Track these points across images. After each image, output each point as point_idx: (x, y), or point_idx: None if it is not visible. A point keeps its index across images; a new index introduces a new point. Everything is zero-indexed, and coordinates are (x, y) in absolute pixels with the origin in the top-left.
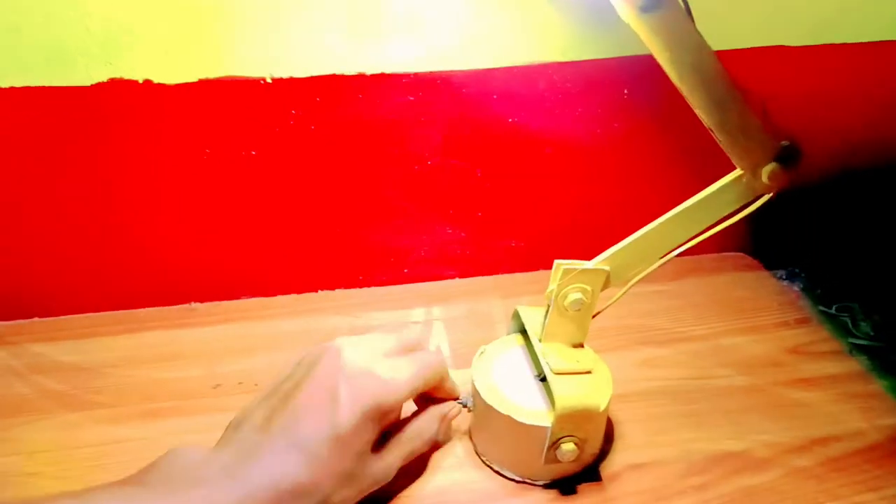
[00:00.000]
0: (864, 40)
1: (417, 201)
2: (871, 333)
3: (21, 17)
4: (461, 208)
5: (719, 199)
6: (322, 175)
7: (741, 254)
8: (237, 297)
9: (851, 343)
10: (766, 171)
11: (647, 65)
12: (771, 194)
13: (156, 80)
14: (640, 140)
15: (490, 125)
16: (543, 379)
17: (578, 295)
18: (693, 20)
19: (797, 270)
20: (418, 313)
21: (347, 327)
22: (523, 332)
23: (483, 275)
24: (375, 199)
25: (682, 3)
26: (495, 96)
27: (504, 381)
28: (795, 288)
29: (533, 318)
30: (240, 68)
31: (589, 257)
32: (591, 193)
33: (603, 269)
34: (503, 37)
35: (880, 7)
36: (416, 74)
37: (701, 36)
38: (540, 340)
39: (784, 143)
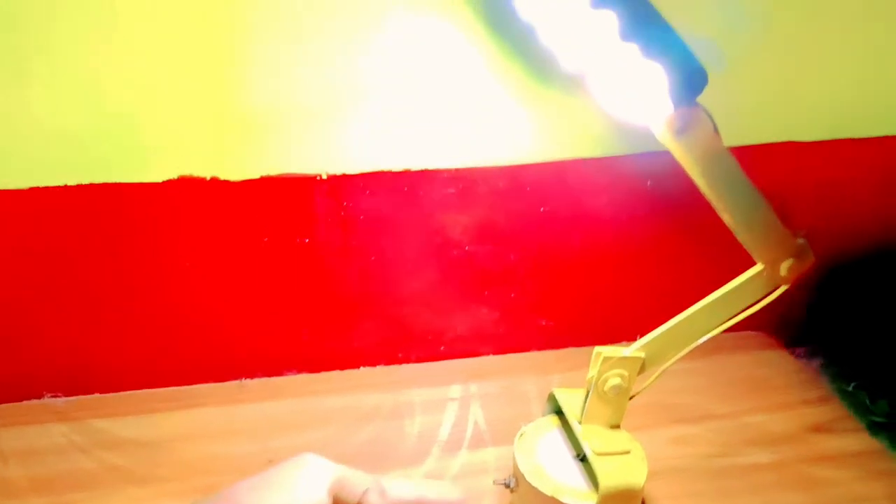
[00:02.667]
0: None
1: (455, 283)
2: (889, 411)
3: (105, 120)
4: (496, 289)
5: (742, 292)
6: (367, 260)
7: (762, 333)
8: (284, 374)
9: (871, 420)
10: (785, 266)
11: (668, 160)
12: (788, 286)
13: (222, 178)
14: (662, 229)
15: (523, 214)
16: (583, 459)
17: (617, 380)
18: (720, 136)
19: (816, 348)
20: (455, 390)
21: (390, 404)
22: (558, 412)
23: (516, 352)
24: (416, 281)
25: (711, 122)
26: (528, 188)
27: (546, 463)
28: (814, 366)
29: (570, 401)
30: (297, 166)
31: (616, 337)
32: (616, 277)
33: (639, 357)
34: (537, 134)
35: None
36: (456, 170)
37: (727, 150)
38: (579, 422)
39: (800, 240)
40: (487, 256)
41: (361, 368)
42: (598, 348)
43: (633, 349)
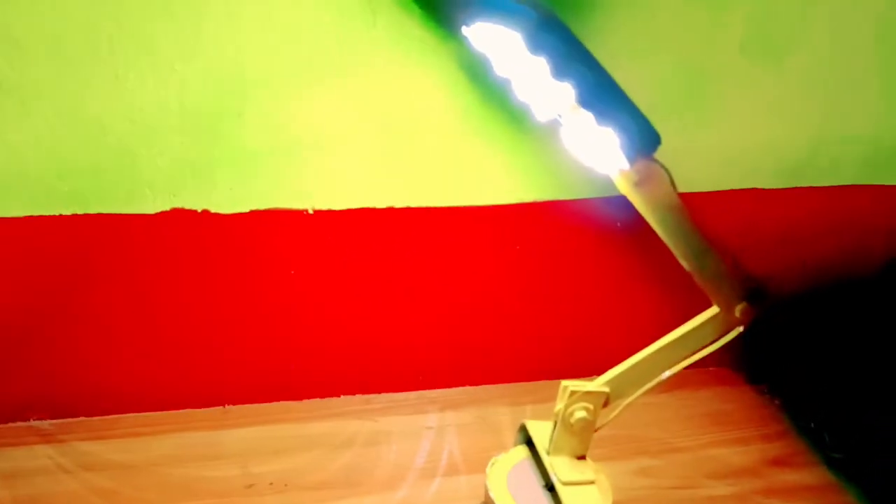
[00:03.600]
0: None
1: (432, 317)
2: (847, 448)
3: (103, 154)
4: (472, 324)
5: (700, 332)
6: (348, 293)
7: (725, 369)
8: (266, 401)
9: (829, 456)
10: (739, 308)
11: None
12: (742, 328)
13: (213, 210)
14: (632, 267)
15: (498, 252)
16: (551, 488)
17: (583, 413)
18: (676, 187)
19: (777, 386)
20: (432, 419)
21: (367, 431)
22: (528, 442)
23: (490, 383)
24: (394, 314)
25: (667, 176)
26: (505, 228)
27: (516, 491)
28: (775, 402)
29: (540, 432)
30: (286, 201)
31: (587, 371)
32: (588, 312)
33: (604, 391)
34: (516, 176)
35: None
36: (437, 208)
37: (680, 203)
38: (547, 453)
39: (752, 286)
40: (463, 291)
41: (342, 397)
42: (564, 382)
43: (598, 384)
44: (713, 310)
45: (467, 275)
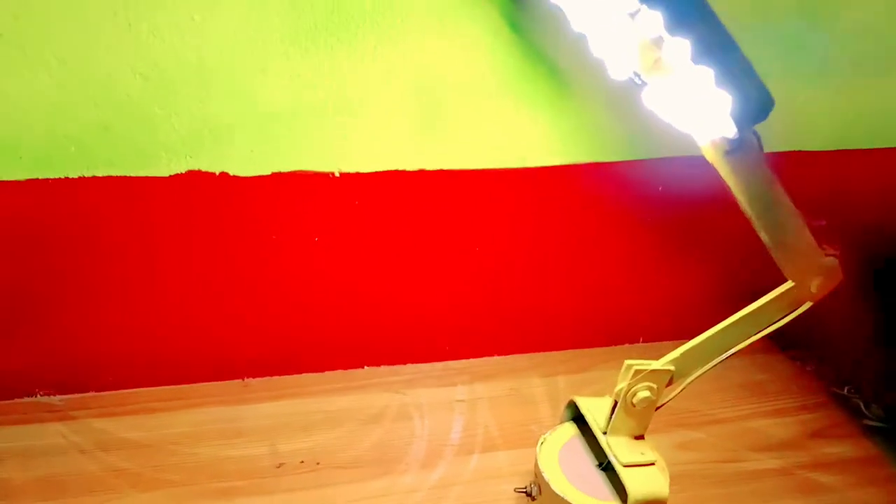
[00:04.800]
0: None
1: (459, 283)
2: (883, 415)
3: (111, 112)
4: (501, 290)
5: (772, 307)
6: (373, 259)
7: None
8: (288, 373)
9: (865, 425)
10: (815, 284)
11: (678, 166)
12: (813, 302)
13: (231, 173)
14: (667, 234)
15: (531, 216)
16: (605, 468)
17: (646, 393)
18: (764, 154)
19: (810, 352)
20: (462, 391)
21: (397, 405)
22: (575, 419)
23: (520, 353)
24: (420, 281)
25: (759, 145)
26: (540, 192)
27: (568, 471)
28: (809, 370)
29: (593, 410)
30: (311, 163)
31: (617, 339)
32: (619, 280)
33: (669, 370)
34: (548, 138)
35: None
36: (469, 171)
37: (771, 171)
38: (604, 433)
39: (830, 259)
40: (493, 257)
41: (365, 368)
42: (628, 361)
43: (664, 362)
44: (787, 285)
45: (497, 240)
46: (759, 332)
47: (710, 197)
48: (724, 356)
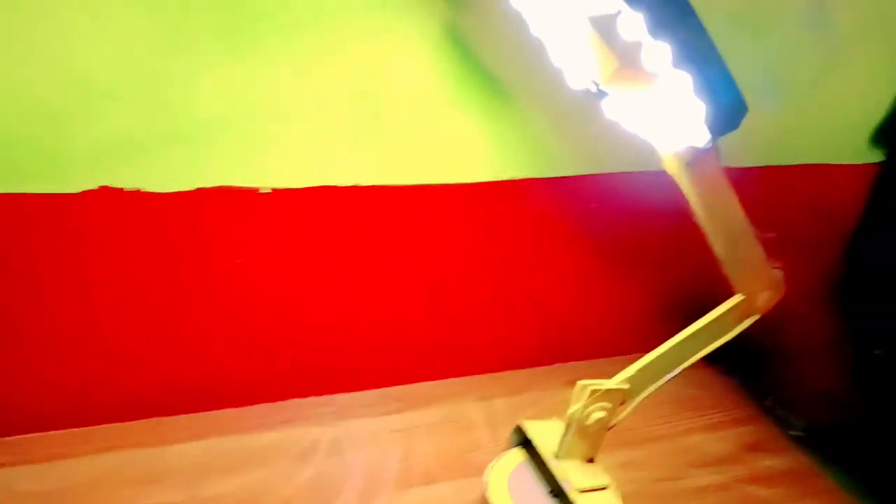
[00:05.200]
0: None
1: (392, 305)
2: (805, 426)
3: (17, 121)
4: (434, 312)
5: (722, 322)
6: (302, 281)
7: None
8: (206, 410)
9: (791, 435)
10: (763, 296)
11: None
12: (759, 316)
13: (146, 189)
14: (602, 250)
15: (471, 233)
16: (556, 495)
17: (601, 413)
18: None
19: (733, 365)
20: (396, 420)
21: (329, 438)
22: (523, 444)
23: (454, 376)
24: (349, 303)
25: (719, 156)
26: (475, 209)
27: (520, 500)
28: (737, 382)
29: (542, 435)
30: (238, 178)
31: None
32: (555, 297)
33: (623, 388)
34: (489, 153)
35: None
36: (404, 187)
37: (728, 184)
38: (555, 457)
39: (777, 272)
40: (426, 277)
41: (292, 400)
42: (581, 382)
43: (618, 381)
44: (736, 298)
45: (431, 259)
46: (709, 346)
47: (649, 214)
48: (675, 372)
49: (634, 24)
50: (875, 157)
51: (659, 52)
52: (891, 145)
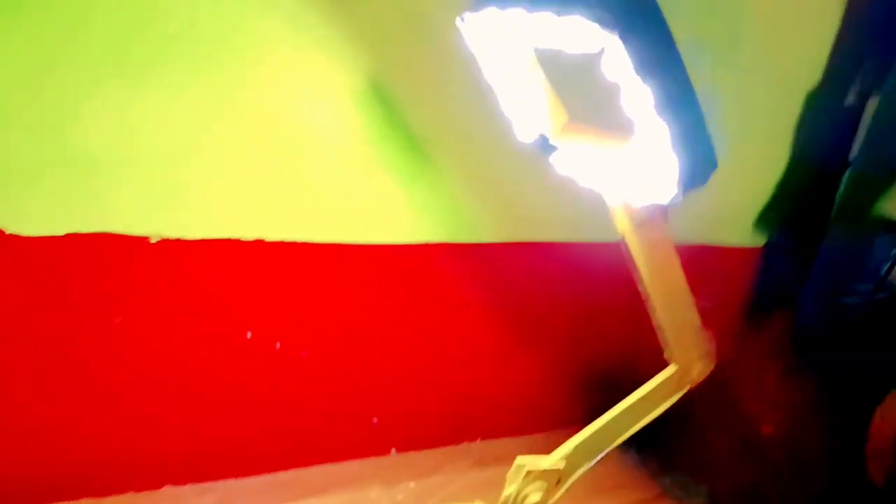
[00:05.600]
0: None
1: (285, 377)
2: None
3: None
4: (333, 386)
5: (655, 395)
6: (184, 348)
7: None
8: (62, 500)
9: None
10: (697, 367)
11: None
12: (691, 387)
13: (10, 231)
14: (508, 322)
15: (376, 300)
16: None
17: (538, 496)
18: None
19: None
20: None
21: None
22: None
23: (356, 458)
24: (238, 375)
25: (664, 215)
26: (393, 272)
27: None
28: (634, 459)
29: None
30: (121, 224)
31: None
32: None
33: (559, 468)
34: (404, 215)
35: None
36: (317, 245)
37: (674, 248)
38: None
39: (710, 343)
40: (324, 346)
41: (166, 487)
42: (519, 460)
43: (555, 460)
44: (670, 369)
45: (332, 326)
46: (643, 419)
47: (564, 286)
48: (609, 448)
49: (617, 64)
50: (758, 240)
51: (639, 96)
52: (771, 230)
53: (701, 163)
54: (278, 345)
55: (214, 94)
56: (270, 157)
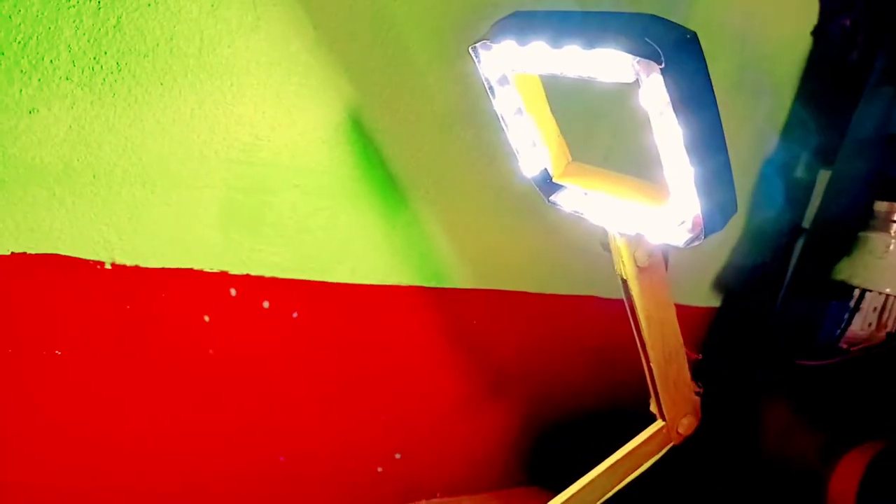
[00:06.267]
0: None
1: (227, 423)
2: None
3: None
4: (277, 437)
5: (642, 450)
6: (130, 387)
7: (536, 487)
8: None
9: None
10: (684, 423)
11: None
12: (677, 443)
13: None
14: (477, 374)
15: (337, 343)
16: None
17: None
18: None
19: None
20: None
21: None
22: None
23: None
24: (189, 421)
25: (664, 262)
26: (357, 313)
27: None
28: None
29: None
30: (73, 246)
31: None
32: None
33: None
34: (375, 254)
35: None
36: (282, 280)
37: (671, 296)
38: None
39: (697, 398)
40: (274, 392)
41: None
42: None
43: None
44: (657, 424)
45: (285, 369)
46: (629, 476)
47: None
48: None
49: (652, 98)
50: (714, 301)
51: (671, 134)
52: (725, 292)
53: (723, 208)
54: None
55: (185, 114)
56: (239, 187)
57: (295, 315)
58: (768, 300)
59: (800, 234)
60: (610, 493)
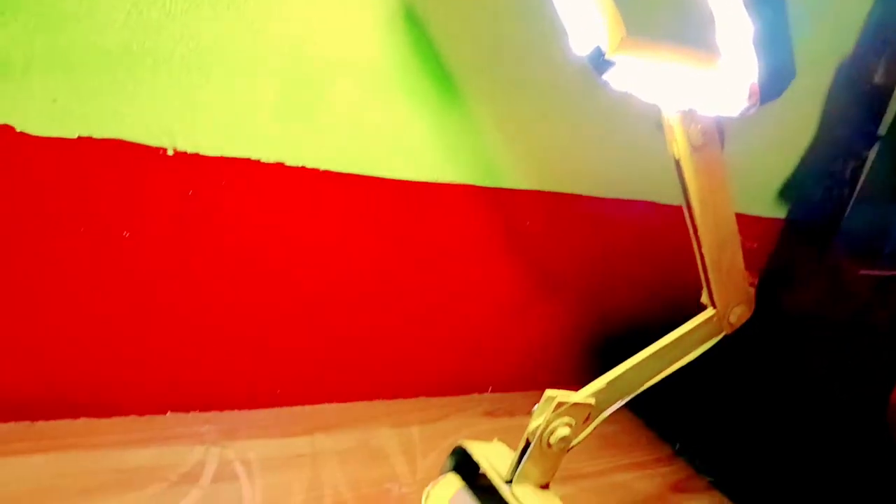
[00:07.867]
0: None
1: (296, 312)
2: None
3: None
4: (345, 327)
5: (691, 338)
6: (195, 270)
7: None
8: (59, 418)
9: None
10: (737, 311)
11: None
12: (729, 332)
13: (20, 129)
14: (528, 273)
15: (395, 240)
16: None
17: (566, 430)
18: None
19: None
20: (302, 443)
21: (215, 462)
22: (457, 468)
23: (366, 399)
24: (249, 304)
25: (720, 142)
26: (412, 211)
27: None
28: (642, 420)
29: (490, 458)
30: (136, 132)
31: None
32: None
33: (590, 403)
34: (428, 151)
35: None
36: (338, 174)
37: (728, 178)
38: (507, 482)
39: (752, 287)
40: (340, 285)
41: (169, 413)
42: (549, 392)
43: (585, 395)
44: (707, 312)
45: (347, 264)
46: (677, 363)
47: (584, 241)
48: (639, 389)
49: None
50: (780, 212)
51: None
52: (792, 202)
53: (781, 72)
54: (285, 277)
55: (239, 1)
56: (294, 78)
57: (347, 210)
58: (838, 209)
59: (875, 141)
60: (657, 378)
